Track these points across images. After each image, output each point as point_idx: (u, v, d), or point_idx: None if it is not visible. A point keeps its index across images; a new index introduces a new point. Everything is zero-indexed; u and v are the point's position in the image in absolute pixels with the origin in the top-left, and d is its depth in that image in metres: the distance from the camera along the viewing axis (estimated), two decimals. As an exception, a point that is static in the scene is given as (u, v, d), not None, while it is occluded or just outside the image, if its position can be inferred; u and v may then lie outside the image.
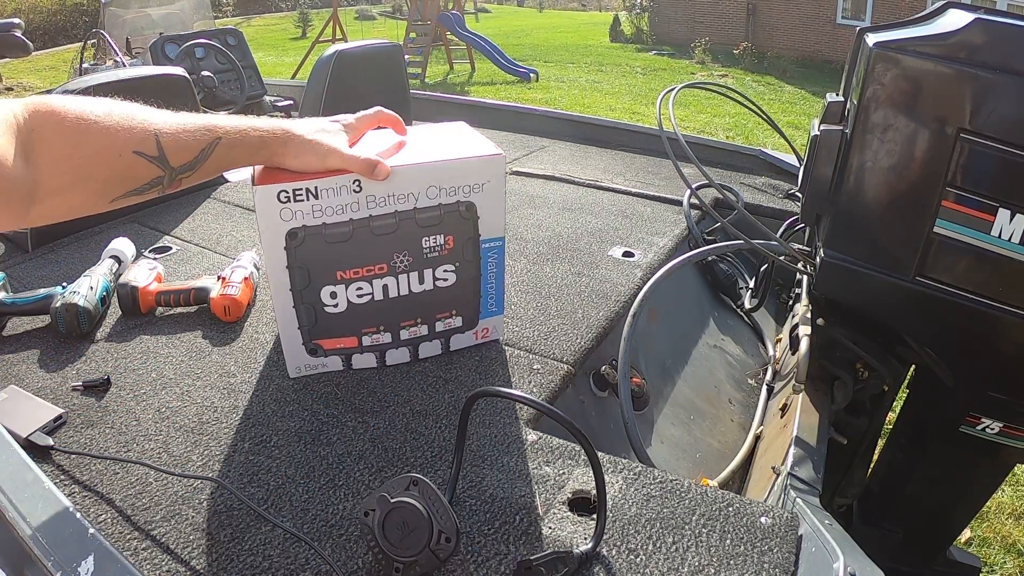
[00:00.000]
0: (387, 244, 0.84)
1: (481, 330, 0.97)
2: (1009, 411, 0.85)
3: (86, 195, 0.64)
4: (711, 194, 1.58)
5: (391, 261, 0.86)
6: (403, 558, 0.60)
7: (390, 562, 0.60)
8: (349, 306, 0.87)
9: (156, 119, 0.68)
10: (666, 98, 1.19)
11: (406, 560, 0.60)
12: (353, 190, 0.79)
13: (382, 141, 0.87)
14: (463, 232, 0.87)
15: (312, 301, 0.85)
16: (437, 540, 0.60)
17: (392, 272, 0.86)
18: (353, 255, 0.84)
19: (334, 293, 0.85)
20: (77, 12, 13.07)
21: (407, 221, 0.84)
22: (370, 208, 0.81)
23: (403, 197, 0.82)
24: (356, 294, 0.86)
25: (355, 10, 18.03)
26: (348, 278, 0.85)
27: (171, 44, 2.81)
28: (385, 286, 0.87)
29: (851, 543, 0.67)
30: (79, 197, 0.64)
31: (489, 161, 0.85)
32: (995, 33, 0.72)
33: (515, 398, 0.70)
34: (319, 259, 0.83)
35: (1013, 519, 1.91)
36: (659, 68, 10.69)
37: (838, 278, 0.86)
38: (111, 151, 0.63)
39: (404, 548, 0.60)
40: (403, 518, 0.60)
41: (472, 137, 0.92)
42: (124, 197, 0.67)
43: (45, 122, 0.60)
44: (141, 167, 0.66)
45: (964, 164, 0.74)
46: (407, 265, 0.87)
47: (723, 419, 1.22)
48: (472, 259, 0.90)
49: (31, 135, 0.59)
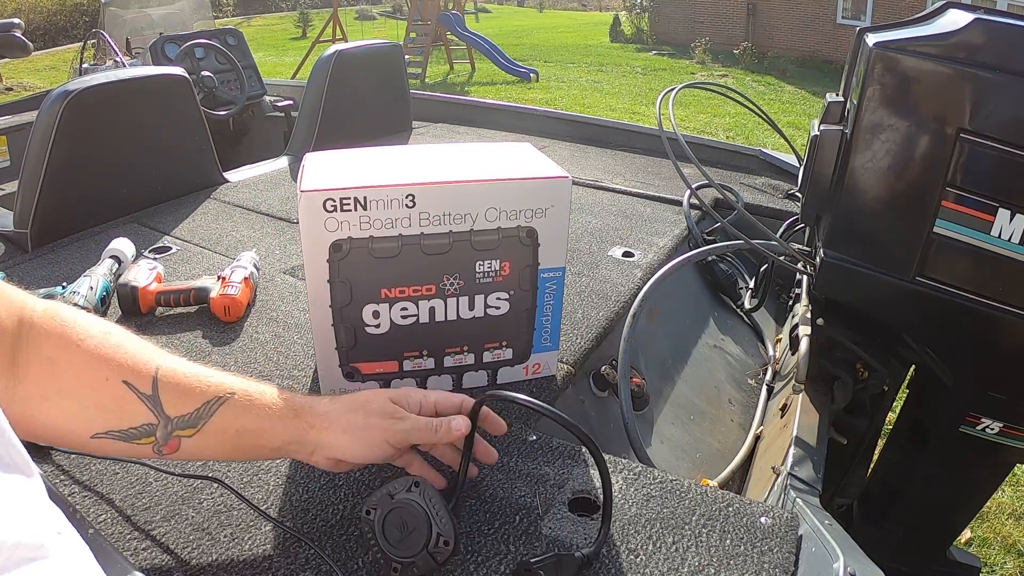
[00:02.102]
0: (438, 264, 0.78)
1: (533, 365, 0.90)
2: (1009, 411, 0.85)
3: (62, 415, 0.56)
4: (711, 194, 1.58)
5: (440, 283, 0.80)
6: (401, 558, 0.59)
7: (388, 561, 0.60)
8: (392, 327, 0.81)
9: (165, 358, 0.59)
10: (666, 98, 1.19)
11: (404, 560, 0.59)
12: (406, 204, 0.74)
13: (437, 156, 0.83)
14: (521, 259, 0.81)
15: (353, 320, 0.80)
16: (436, 543, 0.59)
17: (440, 295, 0.80)
18: (400, 273, 0.78)
19: (376, 312, 0.80)
20: (77, 12, 13.08)
21: (462, 243, 0.78)
22: (422, 225, 0.76)
23: (459, 217, 0.76)
24: (400, 315, 0.80)
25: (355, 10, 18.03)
26: (393, 297, 0.79)
27: (171, 44, 2.81)
28: (432, 308, 0.81)
29: (851, 543, 0.67)
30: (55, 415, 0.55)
31: (555, 184, 0.79)
32: (995, 33, 0.72)
33: (525, 403, 0.64)
34: (363, 275, 0.77)
35: (1013, 519, 1.91)
36: (659, 68, 10.69)
37: (838, 278, 0.86)
38: (97, 372, 0.56)
39: (403, 548, 0.59)
40: (403, 518, 0.59)
41: (536, 158, 0.86)
42: (108, 438, 0.56)
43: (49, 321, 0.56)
44: (129, 402, 0.56)
45: (964, 164, 0.74)
46: (457, 289, 0.81)
47: (723, 419, 1.22)
48: (528, 289, 0.84)
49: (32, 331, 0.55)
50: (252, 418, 0.59)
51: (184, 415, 0.57)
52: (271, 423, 0.60)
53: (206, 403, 0.58)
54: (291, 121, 2.24)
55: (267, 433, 0.60)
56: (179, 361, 0.59)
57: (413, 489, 0.60)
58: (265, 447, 0.61)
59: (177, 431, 0.57)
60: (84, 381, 0.55)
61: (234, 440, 0.60)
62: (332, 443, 0.61)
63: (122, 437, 0.56)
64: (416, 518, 0.59)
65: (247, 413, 0.59)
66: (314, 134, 2.03)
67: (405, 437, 0.64)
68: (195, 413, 0.57)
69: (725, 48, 11.39)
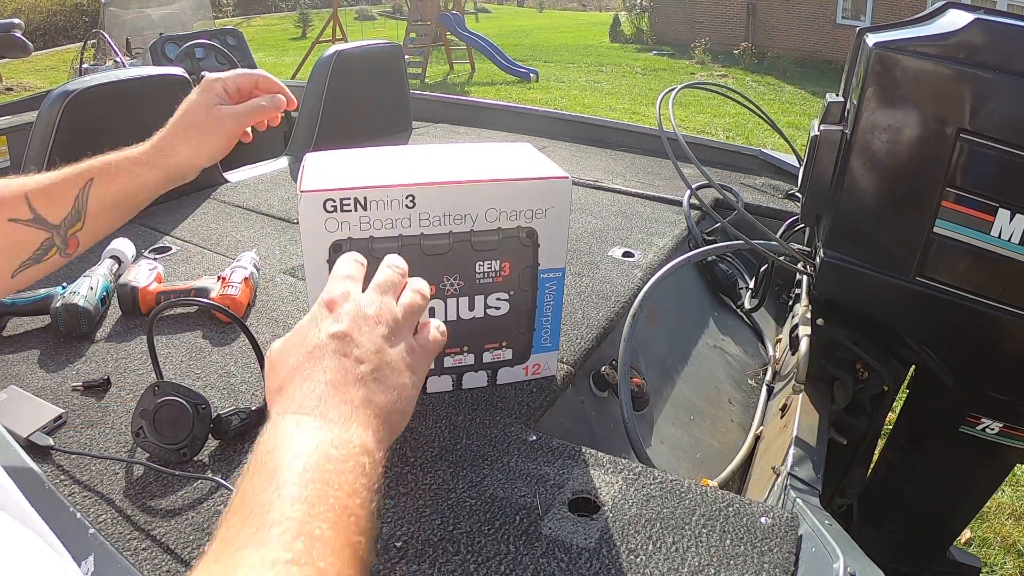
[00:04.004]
0: (437, 265, 0.78)
1: (532, 365, 0.90)
2: (1009, 411, 0.85)
3: None
4: (711, 194, 1.58)
5: (440, 284, 0.80)
6: (183, 441, 0.71)
7: (176, 452, 0.71)
8: None
9: (27, 181, 0.65)
10: (666, 98, 1.19)
11: (186, 440, 0.71)
12: (406, 205, 0.74)
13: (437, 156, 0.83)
14: (521, 260, 0.82)
15: None
16: (196, 411, 0.73)
17: (440, 295, 0.80)
18: None
19: None
20: (77, 12, 13.08)
21: (462, 243, 0.78)
22: (423, 226, 0.76)
23: (459, 217, 0.76)
24: None
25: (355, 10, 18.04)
26: None
27: (171, 44, 2.81)
28: (432, 309, 0.80)
29: (851, 543, 0.67)
30: None
31: (555, 185, 0.79)
32: (995, 33, 0.72)
33: None
34: None
35: (1013, 519, 1.91)
36: (659, 68, 10.70)
37: (838, 278, 0.86)
38: None
39: (180, 433, 0.72)
40: (165, 416, 0.73)
41: (536, 158, 0.86)
42: (25, 267, 0.64)
43: None
44: (22, 233, 0.63)
45: (964, 164, 0.74)
46: (457, 289, 0.81)
47: (723, 419, 1.22)
48: (528, 289, 0.84)
49: None
50: (121, 184, 0.67)
51: (66, 216, 0.65)
52: (138, 177, 0.68)
53: (76, 197, 0.65)
54: (291, 121, 2.24)
55: (140, 188, 0.69)
56: (41, 176, 0.66)
57: (156, 391, 0.73)
58: (139, 199, 0.70)
59: (69, 231, 0.65)
60: None
61: (113, 210, 0.68)
62: (195, 150, 0.71)
63: (34, 261, 0.64)
64: (173, 408, 0.72)
65: (114, 182, 0.67)
66: (314, 134, 2.03)
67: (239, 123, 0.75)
68: (73, 209, 0.65)
69: (725, 48, 11.39)
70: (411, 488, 0.72)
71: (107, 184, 0.67)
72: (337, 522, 0.36)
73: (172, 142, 0.72)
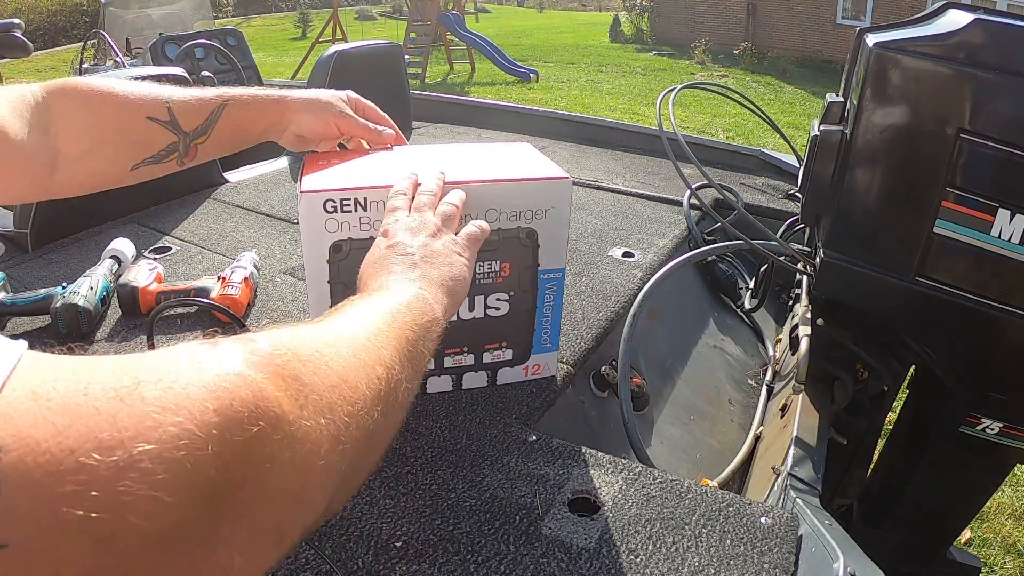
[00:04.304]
0: None
1: (532, 366, 0.90)
2: (1009, 411, 0.85)
3: (104, 161, 0.69)
4: (711, 194, 1.58)
5: None
6: None
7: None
8: None
9: (168, 90, 0.72)
10: (666, 98, 1.19)
11: None
12: None
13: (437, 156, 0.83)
14: (521, 260, 0.81)
15: None
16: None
17: None
18: None
19: None
20: (77, 12, 13.08)
21: None
22: None
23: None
24: None
25: (355, 10, 18.04)
26: None
27: (171, 44, 2.81)
28: None
29: (851, 543, 0.67)
30: (98, 163, 0.68)
31: (555, 185, 0.79)
32: (995, 33, 0.72)
33: None
34: None
35: (1013, 519, 1.91)
36: (659, 68, 10.70)
37: (838, 278, 0.86)
38: (125, 117, 0.68)
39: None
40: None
41: (536, 159, 0.86)
42: (144, 165, 0.71)
43: (62, 96, 0.65)
44: (155, 132, 0.69)
45: (964, 164, 0.74)
46: None
47: (723, 419, 1.22)
48: (528, 290, 0.84)
49: (48, 110, 0.64)
50: (247, 115, 0.75)
51: (197, 127, 0.72)
52: (259, 112, 0.76)
53: (211, 112, 0.72)
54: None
55: (256, 121, 0.77)
56: (182, 89, 0.72)
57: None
58: (252, 134, 0.77)
59: (194, 141, 0.72)
60: (116, 127, 0.68)
61: (232, 135, 0.75)
62: (300, 120, 0.78)
63: (154, 160, 0.70)
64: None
65: (243, 111, 0.75)
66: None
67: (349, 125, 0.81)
68: (205, 123, 0.72)
69: (725, 48, 11.39)
70: (411, 488, 0.72)
71: (237, 112, 0.75)
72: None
73: (294, 105, 0.78)
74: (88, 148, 0.66)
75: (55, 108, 0.64)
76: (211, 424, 0.26)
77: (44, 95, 0.64)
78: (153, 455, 0.23)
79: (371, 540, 0.66)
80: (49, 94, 0.64)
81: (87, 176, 0.68)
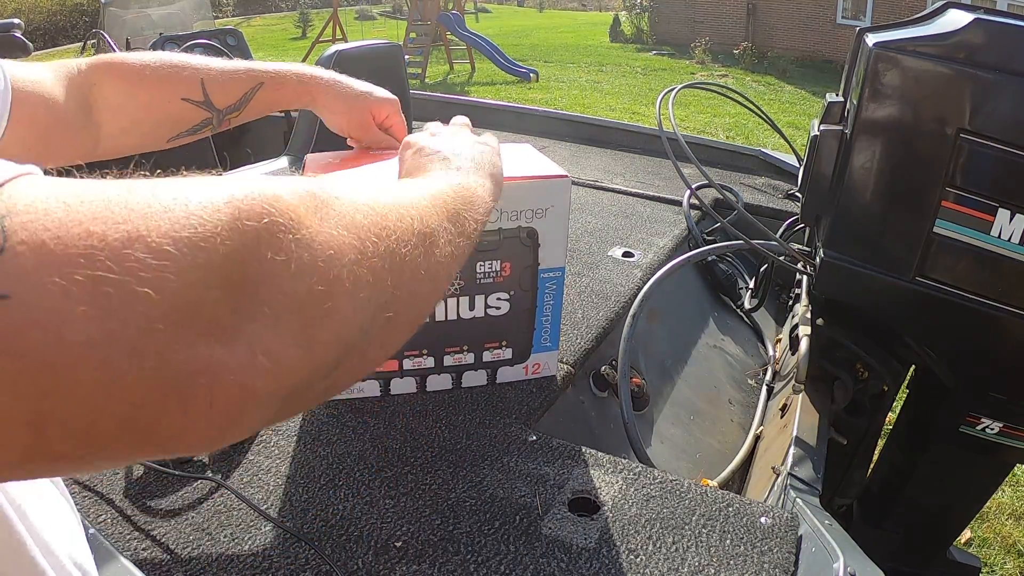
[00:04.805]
0: None
1: (532, 365, 0.90)
2: (1009, 411, 0.85)
3: (143, 137, 0.74)
4: (711, 194, 1.58)
5: None
6: None
7: None
8: None
9: (203, 65, 0.75)
10: (666, 98, 1.19)
11: None
12: None
13: None
14: (521, 260, 0.82)
15: None
16: None
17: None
18: None
19: None
20: (77, 12, 13.08)
21: None
22: None
23: None
24: None
25: (355, 10, 18.03)
26: None
27: (171, 44, 2.80)
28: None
29: (851, 543, 0.67)
30: (137, 139, 0.73)
31: (555, 184, 0.79)
32: (995, 33, 0.72)
33: None
34: None
35: (1013, 519, 1.91)
36: (659, 68, 10.70)
37: (838, 278, 0.86)
38: (161, 99, 0.71)
39: None
40: None
41: (536, 158, 0.86)
42: (179, 137, 0.75)
43: (104, 75, 0.68)
44: (189, 111, 0.73)
45: (964, 164, 0.74)
46: (457, 289, 0.81)
47: (723, 419, 1.22)
48: (528, 289, 0.84)
49: (92, 89, 0.68)
50: (283, 94, 0.79)
51: (231, 105, 0.75)
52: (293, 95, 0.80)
53: (245, 94, 0.76)
54: (291, 121, 2.24)
55: (289, 102, 0.81)
56: (219, 64, 0.75)
57: None
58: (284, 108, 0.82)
59: (227, 116, 0.76)
60: (152, 107, 0.71)
61: (264, 110, 0.79)
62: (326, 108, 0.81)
63: (189, 133, 0.74)
64: None
65: (279, 92, 0.78)
66: (314, 134, 2.03)
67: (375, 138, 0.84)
68: (238, 102, 0.76)
69: (725, 48, 11.39)
70: (411, 488, 0.72)
71: (273, 91, 0.78)
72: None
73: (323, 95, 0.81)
74: (127, 127, 0.71)
75: (97, 88, 0.68)
76: (221, 211, 0.27)
77: (89, 72, 0.68)
78: (162, 231, 0.24)
79: (371, 540, 0.66)
80: (92, 71, 0.68)
81: (128, 148, 0.73)
